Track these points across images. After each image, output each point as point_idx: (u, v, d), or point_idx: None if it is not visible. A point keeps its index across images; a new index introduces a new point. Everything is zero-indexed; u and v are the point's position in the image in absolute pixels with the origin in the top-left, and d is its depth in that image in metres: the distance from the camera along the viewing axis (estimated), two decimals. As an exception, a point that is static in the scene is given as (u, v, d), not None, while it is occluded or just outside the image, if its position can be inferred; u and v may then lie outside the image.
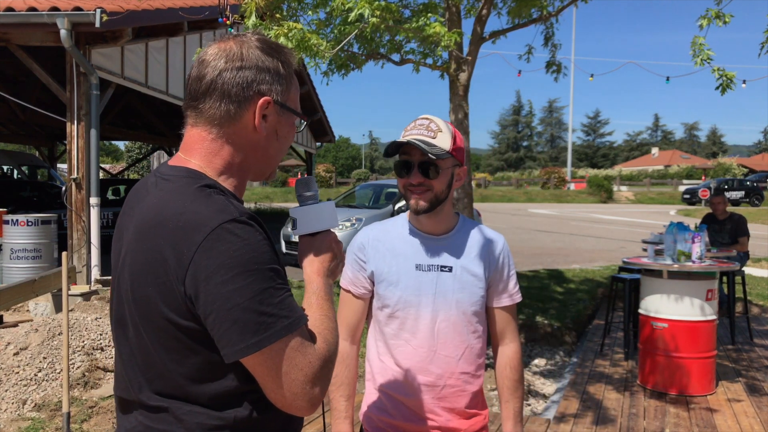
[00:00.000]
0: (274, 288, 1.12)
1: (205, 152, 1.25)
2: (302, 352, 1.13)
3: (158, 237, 1.14)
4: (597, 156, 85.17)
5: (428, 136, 1.80)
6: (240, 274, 1.09)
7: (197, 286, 1.10)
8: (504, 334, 1.96)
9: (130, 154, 44.54)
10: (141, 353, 1.21)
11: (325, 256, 1.33)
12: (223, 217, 1.12)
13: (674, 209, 31.61)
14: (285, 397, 1.13)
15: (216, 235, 1.10)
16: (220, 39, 1.27)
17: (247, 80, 1.22)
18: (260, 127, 1.24)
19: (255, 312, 1.09)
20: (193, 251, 1.10)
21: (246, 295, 1.09)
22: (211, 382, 1.17)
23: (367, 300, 1.95)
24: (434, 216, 1.87)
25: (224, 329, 1.10)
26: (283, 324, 1.11)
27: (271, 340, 1.10)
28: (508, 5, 5.98)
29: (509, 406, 1.95)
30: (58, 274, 6.62)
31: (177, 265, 1.12)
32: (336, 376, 1.91)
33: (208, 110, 1.23)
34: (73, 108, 7.83)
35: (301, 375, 1.13)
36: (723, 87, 4.70)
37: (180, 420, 1.18)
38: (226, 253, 1.10)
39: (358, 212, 11.80)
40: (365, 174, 51.98)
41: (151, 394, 1.20)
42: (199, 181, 1.20)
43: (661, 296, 5.13)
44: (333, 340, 1.22)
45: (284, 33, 4.64)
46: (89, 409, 4.63)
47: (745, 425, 4.47)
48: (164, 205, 1.17)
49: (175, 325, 1.15)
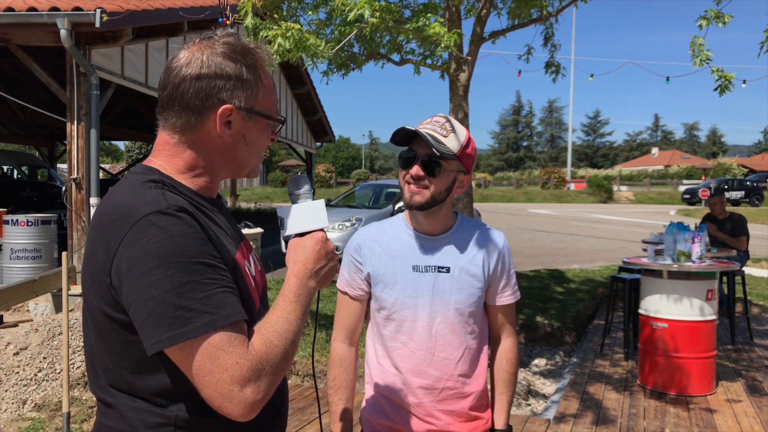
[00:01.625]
0: (198, 282, 1.09)
1: (167, 154, 1.26)
2: (228, 351, 1.08)
3: (96, 230, 1.17)
4: (597, 156, 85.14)
5: (439, 133, 1.77)
6: (159, 266, 1.08)
7: (120, 278, 1.10)
8: (502, 330, 1.95)
9: (130, 154, 44.53)
10: (93, 347, 1.22)
11: (308, 258, 1.29)
12: (148, 209, 1.12)
13: (674, 209, 31.60)
14: (213, 397, 1.09)
15: (139, 226, 1.10)
16: (189, 43, 1.26)
17: (206, 90, 1.21)
18: (223, 134, 1.23)
19: (171, 305, 1.07)
20: (119, 243, 1.11)
21: (163, 287, 1.07)
22: (150, 375, 1.16)
23: (364, 302, 1.93)
24: (431, 216, 1.84)
25: (141, 321, 1.08)
26: (205, 320, 1.07)
27: (187, 336, 1.07)
28: (508, 5, 5.98)
29: (504, 398, 1.94)
30: (58, 274, 6.62)
31: (105, 257, 1.13)
32: (334, 378, 1.90)
33: (170, 118, 1.24)
34: (73, 108, 7.83)
35: (227, 375, 1.07)
36: (722, 88, 4.70)
37: (123, 416, 1.18)
38: (147, 245, 1.09)
39: (357, 212, 11.81)
40: (365, 174, 51.94)
41: (105, 387, 1.20)
42: (148, 176, 1.21)
43: (661, 296, 5.13)
44: (279, 343, 1.15)
45: (282, 33, 4.63)
46: (89, 409, 4.63)
47: (745, 425, 4.47)
48: (108, 200, 1.19)
49: (109, 317, 1.15)
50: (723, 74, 4.68)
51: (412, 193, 1.79)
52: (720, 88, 4.70)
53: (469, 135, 1.84)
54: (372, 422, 1.92)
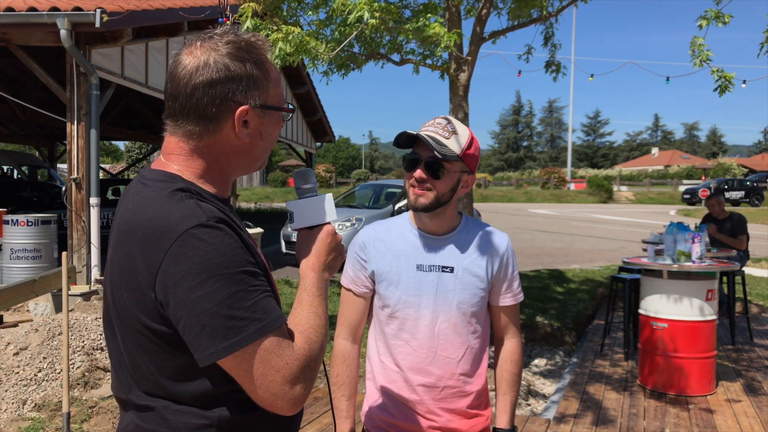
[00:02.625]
0: (245, 291, 1.12)
1: (184, 159, 1.25)
2: (278, 353, 1.13)
3: (130, 243, 1.16)
4: (597, 156, 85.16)
5: (442, 135, 1.78)
6: (207, 279, 1.10)
7: (167, 293, 1.11)
8: (506, 330, 1.96)
9: (130, 154, 44.55)
10: (127, 354, 1.23)
11: (321, 250, 1.33)
12: (190, 223, 1.12)
13: (674, 209, 31.61)
14: (265, 398, 1.14)
15: (183, 240, 1.11)
16: (189, 45, 1.24)
17: (221, 96, 1.20)
18: (242, 134, 1.24)
19: (224, 317, 1.10)
20: (161, 258, 1.11)
21: (214, 300, 1.10)
22: (191, 381, 1.19)
23: (368, 299, 1.94)
24: (436, 216, 1.85)
25: (194, 334, 1.11)
26: (256, 327, 1.11)
27: (241, 344, 1.10)
28: (508, 5, 5.98)
29: (506, 399, 1.94)
30: (58, 274, 6.62)
31: (147, 272, 1.13)
32: (337, 375, 1.91)
33: (185, 126, 1.23)
34: (73, 108, 7.83)
35: (279, 376, 1.13)
36: (722, 88, 4.70)
37: (166, 420, 1.20)
38: (193, 259, 1.10)
39: (357, 212, 11.81)
40: (365, 174, 51.95)
41: (140, 394, 1.22)
42: (174, 184, 1.21)
43: (661, 296, 5.13)
44: (317, 338, 1.21)
45: (283, 38, 4.64)
46: (89, 409, 4.63)
47: (745, 425, 4.47)
48: (137, 211, 1.18)
49: (150, 329, 1.16)
50: (723, 74, 4.68)
51: (417, 195, 1.80)
52: (720, 88, 4.71)
53: (471, 135, 1.84)
54: (374, 419, 1.93)
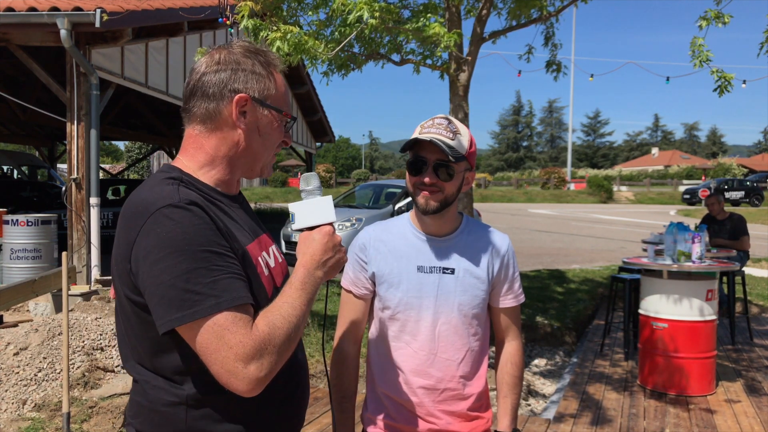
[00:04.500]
0: (206, 269, 1.20)
1: (192, 148, 1.39)
2: (232, 330, 1.19)
3: (121, 222, 1.31)
4: (597, 156, 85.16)
5: (447, 137, 1.76)
6: (170, 254, 1.20)
7: (138, 264, 1.23)
8: (507, 332, 1.95)
9: (130, 154, 44.53)
10: (121, 327, 1.37)
11: (317, 249, 1.39)
12: (162, 203, 1.24)
13: (674, 209, 31.61)
14: (220, 373, 1.19)
15: (154, 218, 1.23)
16: (212, 48, 1.42)
17: (223, 80, 1.35)
18: (238, 122, 1.36)
19: (180, 289, 1.18)
20: (137, 233, 1.24)
21: (173, 273, 1.19)
22: (165, 354, 1.28)
23: (368, 300, 1.93)
24: (439, 217, 1.84)
25: (154, 303, 1.21)
26: (211, 303, 1.19)
27: (194, 316, 1.18)
28: (508, 5, 5.98)
29: (507, 401, 1.93)
30: (58, 274, 6.62)
31: (126, 246, 1.26)
32: (337, 376, 1.90)
33: (192, 109, 1.38)
34: (73, 108, 7.83)
35: (231, 353, 1.18)
36: (721, 88, 4.69)
37: (146, 393, 1.32)
38: (160, 235, 1.21)
39: (357, 212, 11.80)
40: (365, 174, 51.93)
41: (134, 364, 1.34)
42: (169, 174, 1.35)
43: (661, 296, 5.13)
44: (282, 326, 1.25)
45: (281, 37, 4.63)
46: (89, 409, 4.63)
47: (744, 425, 4.47)
48: (133, 196, 1.32)
49: (130, 300, 1.28)
50: (723, 75, 4.67)
51: (427, 198, 1.79)
52: (719, 88, 4.70)
53: (469, 132, 1.86)
54: (373, 420, 1.92)
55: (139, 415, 1.33)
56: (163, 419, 1.30)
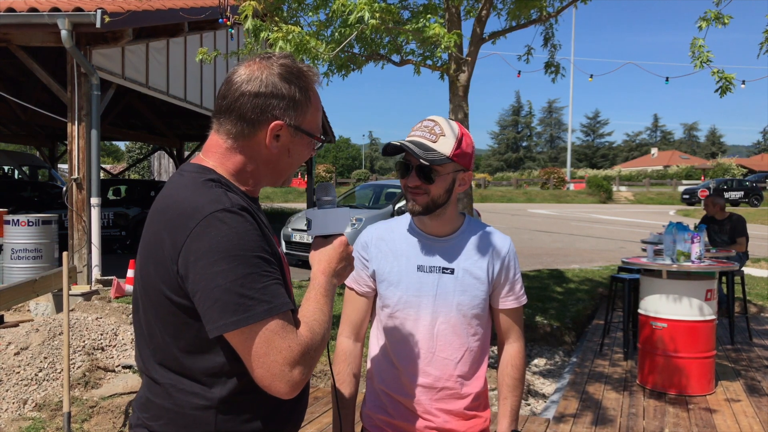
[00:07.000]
0: (258, 274, 1.23)
1: (220, 156, 1.40)
2: (282, 336, 1.22)
3: (160, 222, 1.30)
4: (596, 156, 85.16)
5: (429, 140, 1.77)
6: (225, 258, 1.21)
7: (187, 267, 1.23)
8: (508, 334, 1.95)
9: (131, 154, 44.51)
10: (146, 326, 1.35)
11: (333, 258, 1.44)
12: (215, 207, 1.25)
13: (673, 209, 31.62)
14: (264, 377, 1.22)
15: (207, 221, 1.23)
16: (249, 60, 1.41)
17: (261, 107, 1.35)
18: (271, 146, 1.38)
19: (236, 294, 1.20)
20: (187, 235, 1.24)
21: (228, 277, 1.20)
22: (201, 355, 1.29)
23: (370, 298, 1.94)
24: (437, 218, 1.85)
25: (207, 307, 1.22)
26: (264, 308, 1.21)
27: (248, 321, 1.20)
28: (508, 6, 5.99)
29: (507, 403, 1.94)
30: (58, 274, 6.63)
31: (172, 248, 1.25)
32: (339, 373, 1.91)
33: (226, 125, 1.38)
34: (73, 108, 7.84)
35: (280, 357, 1.21)
36: (722, 89, 4.70)
37: (171, 396, 1.32)
38: (215, 238, 1.22)
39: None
40: (365, 174, 51.94)
41: (155, 365, 1.34)
42: (206, 175, 1.35)
43: (661, 296, 5.14)
44: (319, 330, 1.30)
45: (283, 36, 4.64)
46: (90, 408, 4.64)
47: (744, 425, 4.48)
48: (171, 195, 1.32)
49: (170, 300, 1.28)
50: (724, 75, 4.68)
51: (413, 200, 1.81)
52: (721, 89, 4.71)
53: (462, 132, 1.82)
54: (372, 417, 1.93)
55: (160, 417, 1.34)
56: (191, 422, 1.31)
